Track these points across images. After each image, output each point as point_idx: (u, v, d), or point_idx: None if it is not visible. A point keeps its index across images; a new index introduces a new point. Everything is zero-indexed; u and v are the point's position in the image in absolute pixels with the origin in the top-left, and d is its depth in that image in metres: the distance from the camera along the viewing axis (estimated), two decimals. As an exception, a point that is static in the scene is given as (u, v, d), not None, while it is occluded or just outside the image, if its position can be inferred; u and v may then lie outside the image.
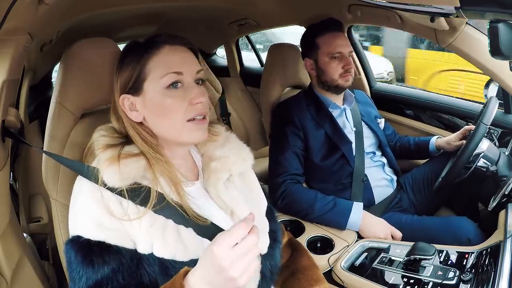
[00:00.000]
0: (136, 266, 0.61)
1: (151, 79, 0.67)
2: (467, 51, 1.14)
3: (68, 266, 0.61)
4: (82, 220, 0.62)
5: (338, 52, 1.29)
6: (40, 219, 1.47)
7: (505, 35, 0.68)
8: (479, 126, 1.12)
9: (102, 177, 0.62)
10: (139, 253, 0.62)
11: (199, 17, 1.81)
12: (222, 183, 0.73)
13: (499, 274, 0.80)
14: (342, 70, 1.29)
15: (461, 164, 1.15)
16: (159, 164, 0.66)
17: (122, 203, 0.63)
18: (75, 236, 0.61)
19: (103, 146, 0.66)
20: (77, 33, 1.00)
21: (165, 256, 0.62)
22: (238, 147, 0.79)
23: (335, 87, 1.32)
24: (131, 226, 0.62)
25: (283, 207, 1.22)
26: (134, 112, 0.69)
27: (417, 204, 1.41)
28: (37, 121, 1.79)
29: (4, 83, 0.72)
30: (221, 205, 0.72)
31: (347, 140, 1.30)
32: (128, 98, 0.68)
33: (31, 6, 0.66)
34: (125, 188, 0.62)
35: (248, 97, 2.46)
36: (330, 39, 1.31)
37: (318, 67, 1.33)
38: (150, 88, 0.67)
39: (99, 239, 0.60)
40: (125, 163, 0.63)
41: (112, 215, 0.61)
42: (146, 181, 0.65)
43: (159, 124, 0.68)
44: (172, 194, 0.66)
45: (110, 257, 0.59)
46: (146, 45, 0.69)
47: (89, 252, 0.59)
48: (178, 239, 0.64)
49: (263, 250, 0.73)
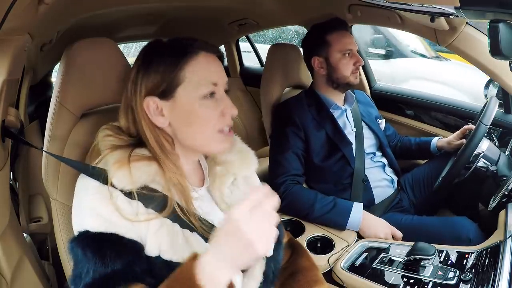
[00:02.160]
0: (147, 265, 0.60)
1: (186, 86, 0.64)
2: (467, 51, 1.14)
3: (74, 264, 0.59)
4: (90, 216, 0.59)
5: (349, 49, 1.30)
6: (40, 219, 1.47)
7: (505, 35, 0.68)
8: (479, 127, 1.12)
9: (111, 179, 0.60)
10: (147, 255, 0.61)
11: (199, 17, 1.81)
12: (227, 187, 0.73)
13: (499, 274, 0.80)
14: (354, 67, 1.30)
15: (461, 165, 1.15)
16: (171, 170, 0.64)
17: (131, 203, 0.61)
18: (82, 231, 0.59)
19: (111, 147, 0.64)
20: (77, 33, 1.00)
21: (173, 259, 0.61)
22: (243, 151, 0.78)
23: (346, 84, 1.32)
24: (139, 227, 0.61)
25: (283, 208, 1.22)
26: (160, 117, 0.65)
27: (417, 204, 1.41)
28: (37, 121, 1.80)
29: (4, 83, 0.71)
30: (225, 209, 0.72)
31: (347, 141, 1.30)
32: (154, 101, 0.65)
33: (31, 6, 0.66)
34: (135, 191, 0.60)
35: (248, 97, 2.47)
36: (340, 36, 1.31)
37: (329, 64, 1.32)
38: (184, 95, 0.65)
39: (110, 231, 0.58)
40: (137, 166, 0.61)
41: (121, 214, 0.59)
42: (155, 184, 0.64)
43: (187, 131, 0.66)
44: (180, 201, 0.65)
45: (123, 250, 0.57)
46: (181, 49, 0.66)
47: (100, 245, 0.57)
48: (185, 242, 0.63)
49: (269, 253, 0.73)
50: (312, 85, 1.43)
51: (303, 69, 1.56)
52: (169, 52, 0.65)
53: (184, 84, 0.64)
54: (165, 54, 0.65)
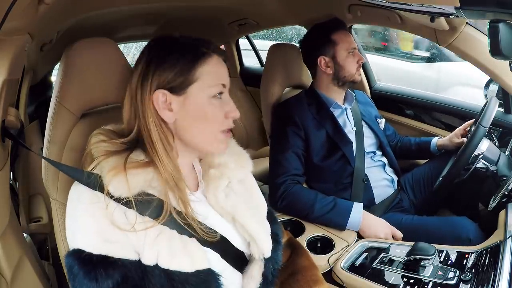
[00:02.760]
0: (141, 279, 0.59)
1: (199, 84, 0.66)
2: (467, 51, 1.14)
3: (71, 280, 0.59)
4: (83, 233, 0.59)
5: (353, 48, 1.33)
6: (40, 219, 1.47)
7: (505, 35, 0.68)
8: (478, 128, 1.12)
9: (107, 187, 0.59)
10: (143, 264, 0.60)
11: (199, 17, 1.81)
12: (221, 190, 0.72)
13: (499, 274, 0.80)
14: (357, 65, 1.33)
15: (460, 166, 1.15)
16: (168, 171, 0.63)
17: (127, 213, 0.60)
18: (76, 249, 0.59)
19: (105, 153, 0.63)
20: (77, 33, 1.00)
21: (170, 268, 0.60)
22: (237, 153, 0.78)
23: (352, 81, 1.35)
24: (136, 236, 0.60)
25: (283, 208, 1.22)
26: (168, 112, 0.65)
27: (417, 204, 1.41)
28: (37, 121, 1.80)
29: (4, 83, 0.71)
30: (221, 212, 0.71)
31: (347, 140, 1.30)
32: (164, 94, 0.64)
33: (31, 6, 0.66)
34: (132, 198, 0.59)
35: (248, 97, 2.47)
36: (344, 36, 1.34)
37: (336, 63, 1.33)
38: (196, 92, 0.66)
39: (101, 253, 0.58)
40: (133, 173, 0.61)
41: (115, 226, 0.58)
42: (152, 189, 0.63)
43: (192, 128, 0.67)
44: (177, 204, 0.64)
45: (114, 271, 0.58)
46: (198, 49, 0.67)
47: (92, 268, 0.57)
48: (183, 249, 0.62)
49: (267, 254, 0.72)
50: (313, 84, 1.43)
51: (303, 69, 1.56)
52: (187, 50, 0.66)
53: (198, 82, 0.66)
54: (182, 52, 0.66)
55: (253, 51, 2.56)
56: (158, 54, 0.66)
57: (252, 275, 0.71)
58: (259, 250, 0.71)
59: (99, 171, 0.61)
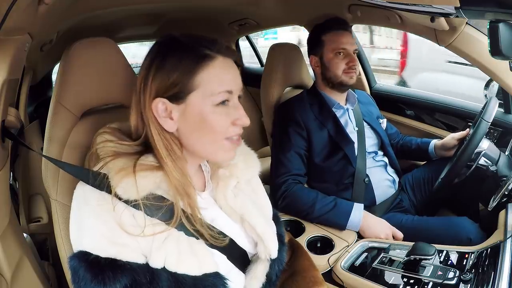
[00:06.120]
0: (150, 283, 0.58)
1: (199, 92, 0.61)
2: (467, 51, 1.14)
3: (75, 282, 0.57)
4: (90, 234, 0.57)
5: (343, 49, 1.31)
6: (40, 219, 1.47)
7: (505, 35, 0.68)
8: (481, 123, 1.11)
9: (115, 189, 0.57)
10: (151, 268, 0.58)
11: (199, 17, 1.81)
12: (230, 190, 0.71)
13: (499, 274, 0.80)
14: (346, 67, 1.31)
15: (463, 162, 1.14)
16: (176, 179, 0.61)
17: (135, 214, 0.58)
18: (82, 251, 0.57)
19: (112, 154, 0.60)
20: (77, 33, 1.00)
21: (178, 271, 0.59)
22: (245, 153, 0.77)
23: (339, 83, 1.33)
24: (145, 239, 0.58)
25: (284, 207, 1.22)
26: (169, 120, 0.62)
27: (417, 204, 1.41)
28: (37, 121, 1.80)
29: (4, 83, 0.71)
30: (230, 213, 0.71)
31: (349, 140, 1.30)
32: (163, 102, 0.61)
33: (31, 6, 0.66)
34: (141, 200, 0.58)
35: (248, 97, 2.47)
36: (335, 36, 1.33)
37: (323, 63, 1.34)
38: (196, 101, 0.61)
39: (109, 256, 0.56)
40: (142, 175, 0.59)
41: (123, 230, 0.57)
42: (160, 191, 0.61)
43: (195, 138, 0.64)
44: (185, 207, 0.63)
45: (122, 274, 0.56)
46: (198, 52, 0.62)
47: (99, 271, 0.55)
48: (191, 252, 0.61)
49: (274, 255, 0.72)
50: (315, 84, 1.43)
51: (303, 69, 1.57)
52: (186, 54, 0.61)
53: (199, 90, 0.61)
54: (181, 55, 0.61)
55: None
56: (157, 59, 0.62)
57: (256, 276, 0.71)
58: (266, 251, 0.70)
59: (106, 172, 0.59)
